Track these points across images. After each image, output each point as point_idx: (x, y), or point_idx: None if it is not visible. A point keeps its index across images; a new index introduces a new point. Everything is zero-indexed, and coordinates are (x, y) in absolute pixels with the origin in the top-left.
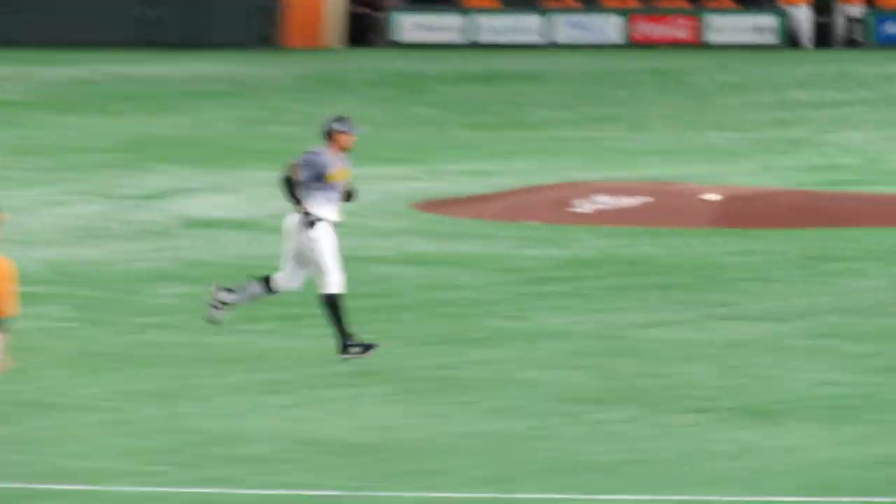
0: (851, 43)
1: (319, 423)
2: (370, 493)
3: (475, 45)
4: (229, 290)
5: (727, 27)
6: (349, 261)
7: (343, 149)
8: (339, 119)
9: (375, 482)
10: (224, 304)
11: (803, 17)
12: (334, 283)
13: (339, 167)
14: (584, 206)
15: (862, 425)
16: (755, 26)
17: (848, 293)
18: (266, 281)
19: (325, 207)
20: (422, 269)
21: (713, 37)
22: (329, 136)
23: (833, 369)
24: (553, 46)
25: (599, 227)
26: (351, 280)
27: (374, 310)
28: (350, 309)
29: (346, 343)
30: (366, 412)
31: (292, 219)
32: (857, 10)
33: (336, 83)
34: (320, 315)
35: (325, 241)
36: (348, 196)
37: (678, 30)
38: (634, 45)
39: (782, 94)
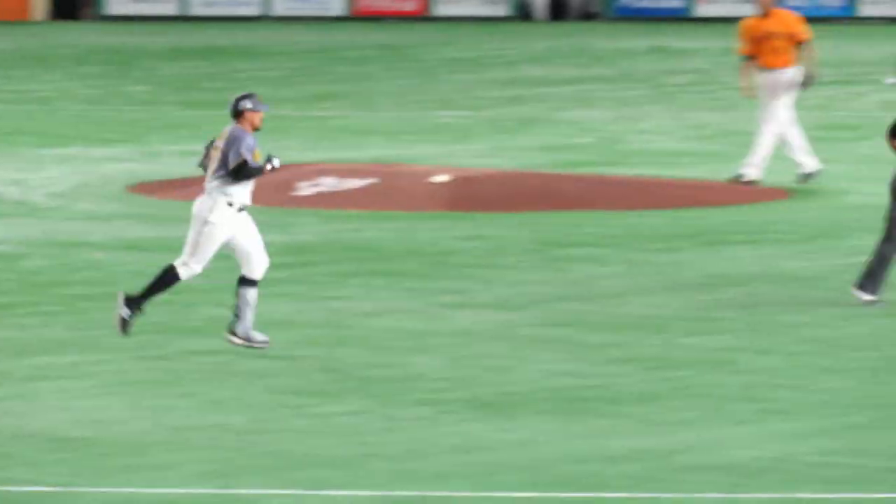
0: (587, 15)
1: (32, 417)
2: (84, 488)
3: (189, 18)
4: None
5: None
6: (61, 246)
7: (255, 128)
8: (249, 97)
9: (90, 478)
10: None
11: None
12: (191, 270)
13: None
14: (307, 189)
15: (597, 418)
16: None
17: (584, 280)
18: (243, 280)
19: (242, 190)
20: (137, 256)
21: (442, 9)
22: (240, 115)
23: (567, 360)
24: (272, 19)
25: (323, 210)
26: (63, 267)
27: (87, 297)
28: (63, 297)
29: (134, 307)
30: (81, 405)
31: (202, 204)
32: None
33: (41, 59)
34: (34, 303)
35: (221, 231)
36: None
37: (404, 2)
38: (358, 17)
39: (515, 70)
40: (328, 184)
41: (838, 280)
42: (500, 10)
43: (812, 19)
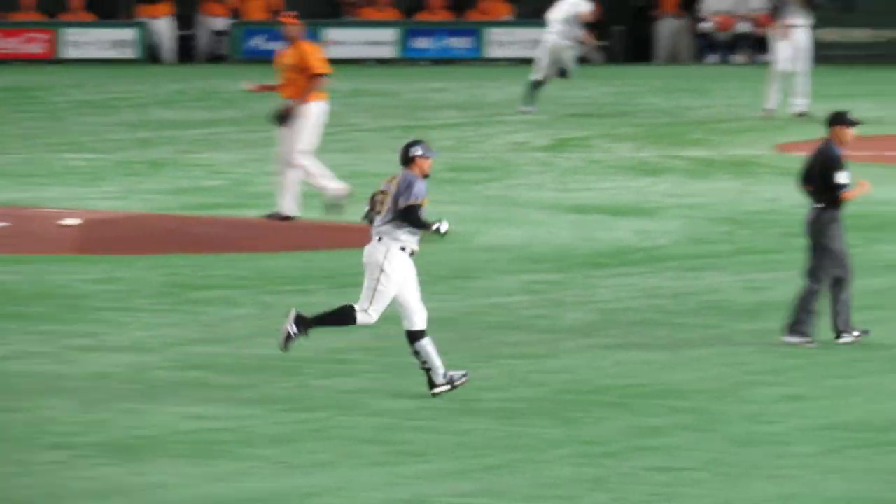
0: (216, 58)
1: None
2: None
3: None
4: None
5: (85, 41)
6: None
7: (425, 174)
8: (419, 143)
9: None
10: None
11: (165, 31)
12: (368, 318)
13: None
14: None
15: (232, 461)
16: (113, 41)
17: (216, 323)
18: (410, 335)
19: (412, 237)
20: None
21: (70, 52)
22: (412, 161)
23: (200, 402)
24: None
25: None
26: None
27: None
28: None
29: (302, 327)
30: None
31: (374, 249)
32: (221, 23)
33: None
34: None
35: (397, 278)
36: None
37: (32, 45)
38: None
39: (145, 113)
40: None
41: (470, 321)
42: (129, 53)
43: (440, 61)
